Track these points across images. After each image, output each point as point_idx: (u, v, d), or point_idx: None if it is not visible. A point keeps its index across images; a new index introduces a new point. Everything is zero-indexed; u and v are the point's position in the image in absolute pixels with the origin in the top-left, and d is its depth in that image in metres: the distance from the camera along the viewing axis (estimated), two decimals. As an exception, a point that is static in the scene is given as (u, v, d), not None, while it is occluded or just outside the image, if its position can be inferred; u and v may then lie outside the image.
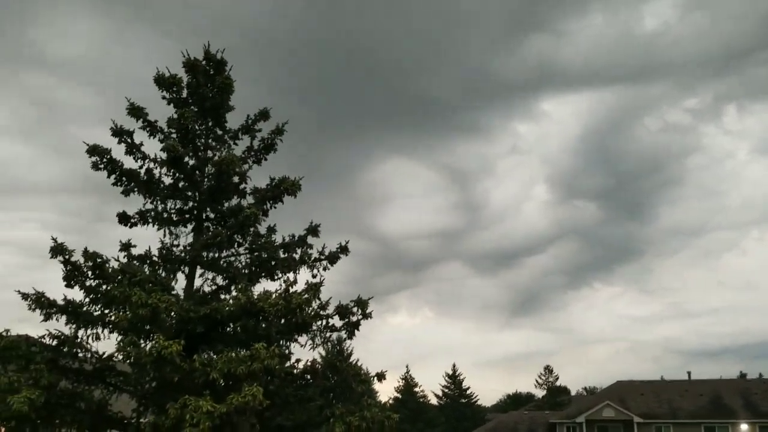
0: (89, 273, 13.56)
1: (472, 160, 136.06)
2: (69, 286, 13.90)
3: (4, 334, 12.57)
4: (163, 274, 14.55)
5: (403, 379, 55.97)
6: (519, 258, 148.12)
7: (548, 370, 76.74)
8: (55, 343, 13.24)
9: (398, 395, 55.82)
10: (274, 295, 13.59)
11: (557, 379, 77.05)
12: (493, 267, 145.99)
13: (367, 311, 14.71)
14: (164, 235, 15.09)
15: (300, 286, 14.15)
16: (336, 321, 14.80)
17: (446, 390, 69.99)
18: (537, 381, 77.27)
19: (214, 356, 12.88)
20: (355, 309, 14.64)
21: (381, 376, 15.05)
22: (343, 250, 15.56)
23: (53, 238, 13.37)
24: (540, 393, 79.62)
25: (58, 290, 14.02)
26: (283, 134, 15.95)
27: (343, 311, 14.58)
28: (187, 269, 14.88)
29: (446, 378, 70.13)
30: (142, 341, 12.94)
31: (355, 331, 14.91)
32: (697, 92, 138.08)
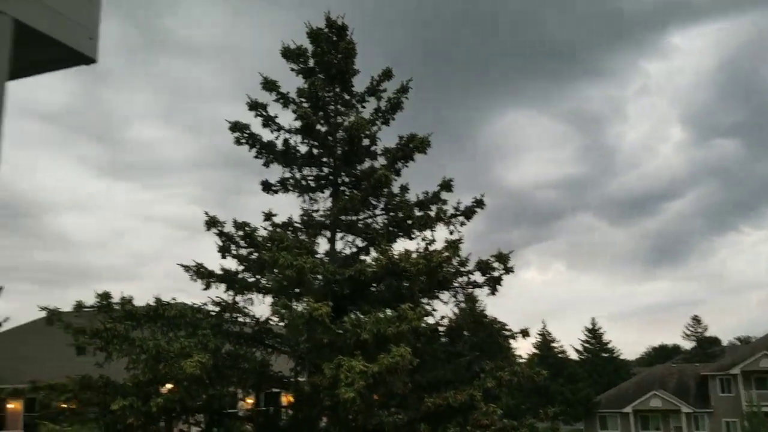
0: (241, 242, 14.31)
1: (600, 104, 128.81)
2: (223, 256, 14.80)
3: (172, 302, 13.60)
4: (305, 239, 15.06)
5: (540, 334, 55.20)
6: (656, 204, 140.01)
7: (696, 320, 72.61)
8: (217, 309, 14.16)
9: (536, 351, 55.17)
10: (414, 255, 13.69)
11: (706, 329, 72.72)
12: (627, 215, 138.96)
13: (509, 265, 14.45)
14: (304, 202, 15.62)
15: (438, 244, 14.17)
16: (477, 277, 14.69)
17: (586, 344, 68.20)
18: (684, 332, 73.43)
19: (362, 317, 13.22)
20: (495, 264, 14.42)
21: (525, 332, 14.83)
22: (479, 204, 15.32)
23: (206, 213, 14.29)
24: (688, 345, 75.63)
25: (204, 260, 14.92)
26: (408, 92, 15.86)
27: (484, 267, 14.41)
28: (328, 233, 15.31)
29: (585, 332, 68.29)
30: (293, 304, 13.50)
31: (497, 286, 14.71)
32: None
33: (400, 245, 18.56)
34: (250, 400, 17.61)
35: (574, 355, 66.44)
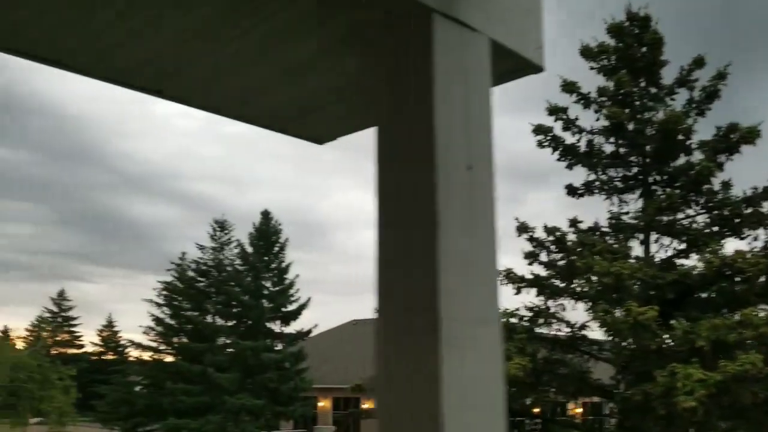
0: (551, 247, 14.29)
1: None
2: (530, 261, 14.90)
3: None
4: (614, 243, 14.49)
5: None
6: None
7: None
8: (530, 314, 14.27)
9: None
10: (749, 255, 12.41)
11: None
12: None
13: None
14: (612, 204, 15.05)
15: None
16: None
17: None
18: None
19: (690, 323, 12.31)
20: None
21: None
22: (827, 197, 13.28)
23: (516, 219, 14.59)
24: None
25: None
26: (725, 78, 14.45)
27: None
28: (640, 236, 14.56)
29: None
30: (613, 309, 13.03)
31: None
32: None
33: (727, 246, 16.98)
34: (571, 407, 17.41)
35: None
